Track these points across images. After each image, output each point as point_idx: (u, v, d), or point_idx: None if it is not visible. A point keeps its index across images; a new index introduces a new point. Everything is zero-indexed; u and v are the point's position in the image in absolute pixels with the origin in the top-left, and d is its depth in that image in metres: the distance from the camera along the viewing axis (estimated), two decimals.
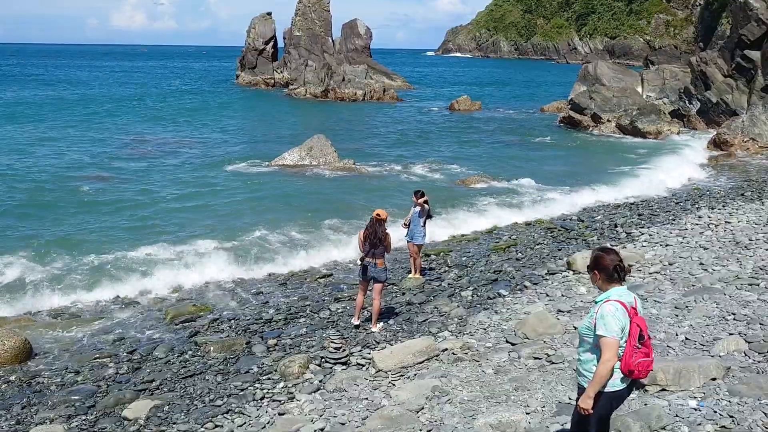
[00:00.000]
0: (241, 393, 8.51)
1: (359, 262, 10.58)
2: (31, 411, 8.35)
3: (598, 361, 4.84)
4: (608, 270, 4.91)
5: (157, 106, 49.03)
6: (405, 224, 13.13)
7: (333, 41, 75.68)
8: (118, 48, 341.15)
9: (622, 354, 4.79)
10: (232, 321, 11.24)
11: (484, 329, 9.98)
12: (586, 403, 4.89)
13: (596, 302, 4.97)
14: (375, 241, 10.36)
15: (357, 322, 10.71)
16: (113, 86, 70.29)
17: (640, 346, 4.81)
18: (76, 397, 8.63)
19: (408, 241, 13.21)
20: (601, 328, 4.79)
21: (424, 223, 13.00)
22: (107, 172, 23.65)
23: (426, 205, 12.97)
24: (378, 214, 10.54)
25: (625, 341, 4.78)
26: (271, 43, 75.64)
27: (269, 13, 76.61)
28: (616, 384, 4.87)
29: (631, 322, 4.80)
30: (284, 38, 75.31)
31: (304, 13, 72.66)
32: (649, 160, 28.54)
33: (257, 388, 8.60)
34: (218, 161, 26.44)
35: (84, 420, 8.09)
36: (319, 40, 72.54)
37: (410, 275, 13.19)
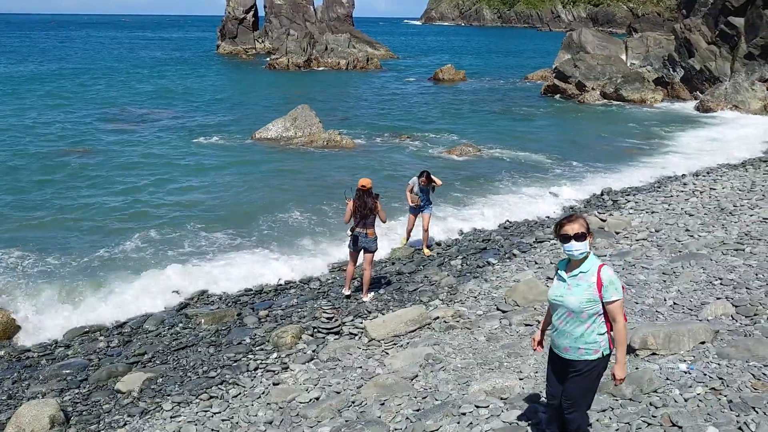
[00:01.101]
0: (235, 364, 8.53)
1: (349, 233, 10.55)
2: (22, 386, 8.31)
3: (598, 331, 4.75)
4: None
5: (135, 78, 48.12)
6: (417, 204, 12.70)
7: (315, 10, 74.69)
8: (96, 18, 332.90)
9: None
10: (222, 293, 11.20)
11: (475, 297, 10.05)
12: (625, 371, 4.80)
13: (582, 272, 4.75)
14: (366, 212, 10.32)
15: (348, 293, 10.73)
16: (91, 58, 68.78)
17: None
18: (67, 371, 8.60)
19: (421, 215, 12.79)
20: (615, 292, 4.67)
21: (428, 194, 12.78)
22: (85, 146, 22.98)
23: (432, 183, 12.65)
24: (363, 185, 10.44)
25: None
26: (251, 12, 74.54)
27: None
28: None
29: None
30: (265, 7, 74.15)
31: None
32: (628, 127, 28.64)
33: (250, 359, 8.63)
34: (199, 133, 25.86)
35: (77, 393, 8.08)
36: (300, 9, 71.52)
37: (426, 250, 12.89)
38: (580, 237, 4.71)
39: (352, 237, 10.48)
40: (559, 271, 4.95)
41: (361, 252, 10.55)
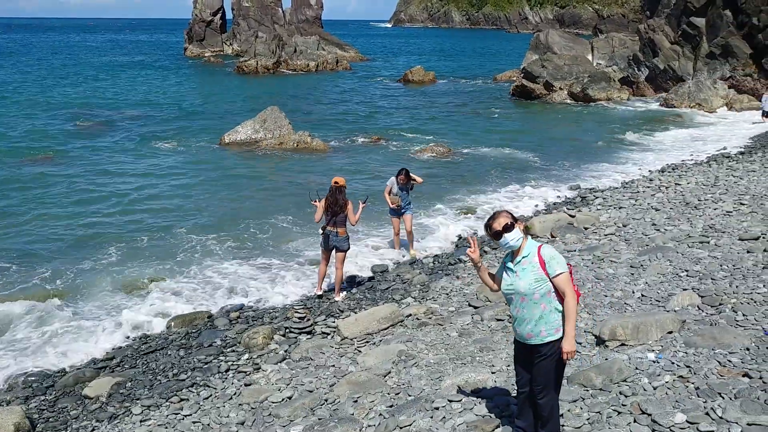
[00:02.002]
0: (206, 366, 8.42)
1: (320, 232, 10.51)
2: None
3: (553, 307, 4.90)
4: None
5: (99, 83, 47.26)
6: (398, 205, 12.46)
7: (283, 12, 74.38)
8: (60, 22, 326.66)
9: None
10: (194, 296, 11.04)
11: (447, 294, 10.08)
12: (573, 344, 4.93)
13: (524, 257, 4.93)
14: (336, 209, 10.28)
15: (320, 292, 10.68)
16: (55, 62, 67.52)
17: None
18: (32, 378, 8.40)
19: (402, 216, 12.56)
20: (557, 266, 4.86)
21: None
22: (47, 152, 22.29)
23: (412, 182, 12.51)
24: (336, 182, 10.41)
25: None
26: (219, 15, 74.02)
27: None
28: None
29: None
30: (232, 9, 73.60)
31: None
32: (595, 125, 29.07)
33: (222, 360, 8.53)
34: (166, 138, 25.48)
35: (43, 400, 7.89)
36: (268, 11, 71.16)
37: (412, 252, 12.68)
38: (508, 228, 4.93)
39: (323, 236, 10.45)
40: (506, 264, 5.11)
41: (333, 251, 10.51)
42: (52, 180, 18.74)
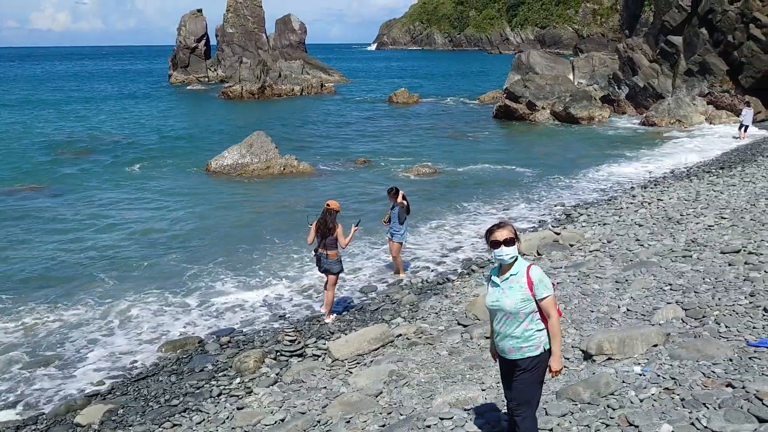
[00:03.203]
0: (197, 391, 8.44)
1: (313, 254, 10.65)
2: None
3: (536, 327, 4.99)
4: None
5: (85, 112, 47.22)
6: (385, 221, 12.68)
7: (267, 37, 74.93)
8: (39, 51, 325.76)
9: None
10: (184, 320, 11.05)
11: (436, 313, 10.18)
12: (560, 363, 5.05)
13: (512, 275, 4.99)
14: (325, 230, 10.43)
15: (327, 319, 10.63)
16: (32, 92, 67.43)
17: None
18: (23, 407, 8.36)
19: (388, 239, 12.69)
20: (545, 289, 4.95)
21: (404, 220, 12.50)
22: (33, 183, 22.15)
23: (404, 202, 12.50)
24: (328, 204, 10.60)
25: None
26: (203, 41, 74.39)
27: (199, 10, 75.20)
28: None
29: None
30: (216, 35, 74.16)
31: (236, 9, 71.65)
32: (579, 144, 29.46)
33: (213, 385, 8.55)
34: (152, 166, 25.54)
35: (34, 429, 7.86)
36: (252, 37, 71.70)
37: (400, 275, 12.71)
38: (509, 242, 4.96)
39: (315, 257, 10.60)
40: (492, 278, 5.18)
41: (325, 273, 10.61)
42: (37, 209, 18.69)
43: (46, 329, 10.67)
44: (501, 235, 4.97)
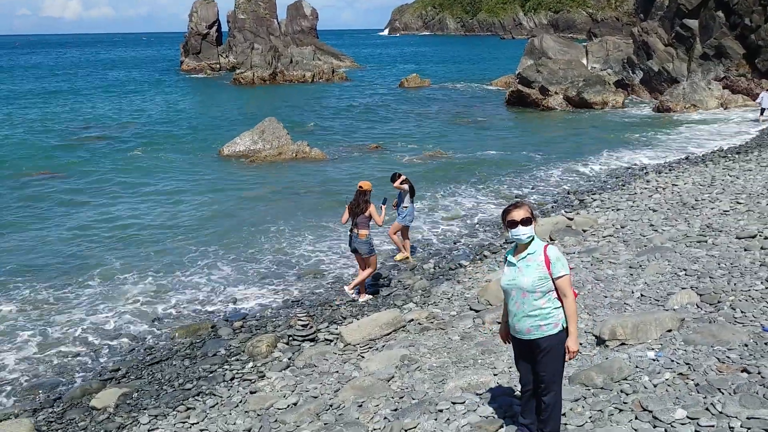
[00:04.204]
0: (211, 375, 8.50)
1: (349, 233, 10.98)
2: None
3: (553, 305, 4.98)
4: None
5: (98, 98, 47.51)
6: (394, 205, 12.69)
7: (278, 23, 74.76)
8: (53, 38, 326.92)
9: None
10: (198, 307, 11.12)
11: (448, 298, 10.17)
12: (577, 344, 5.06)
13: (530, 254, 4.99)
14: (357, 210, 10.71)
15: (360, 298, 10.85)
16: (46, 79, 67.76)
17: None
18: (40, 391, 8.47)
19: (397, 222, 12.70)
20: (562, 268, 4.95)
21: (411, 201, 12.60)
22: (49, 169, 22.36)
23: (405, 186, 12.53)
24: (360, 186, 10.87)
25: None
26: (214, 27, 74.20)
27: None
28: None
29: None
30: (228, 22, 73.97)
31: None
32: (592, 129, 29.21)
33: (226, 369, 8.60)
34: (166, 151, 25.69)
35: (51, 413, 7.96)
36: (264, 23, 71.55)
37: (399, 255, 12.85)
38: (526, 222, 4.96)
39: (349, 237, 10.95)
40: (508, 258, 5.18)
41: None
42: (50, 194, 18.88)
43: (59, 312, 10.78)
44: (518, 214, 4.97)
